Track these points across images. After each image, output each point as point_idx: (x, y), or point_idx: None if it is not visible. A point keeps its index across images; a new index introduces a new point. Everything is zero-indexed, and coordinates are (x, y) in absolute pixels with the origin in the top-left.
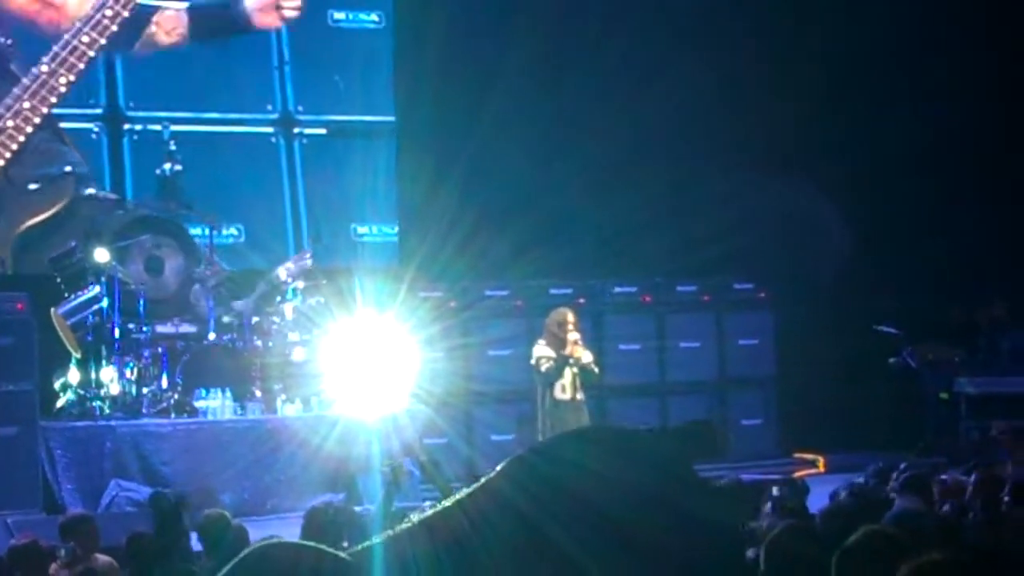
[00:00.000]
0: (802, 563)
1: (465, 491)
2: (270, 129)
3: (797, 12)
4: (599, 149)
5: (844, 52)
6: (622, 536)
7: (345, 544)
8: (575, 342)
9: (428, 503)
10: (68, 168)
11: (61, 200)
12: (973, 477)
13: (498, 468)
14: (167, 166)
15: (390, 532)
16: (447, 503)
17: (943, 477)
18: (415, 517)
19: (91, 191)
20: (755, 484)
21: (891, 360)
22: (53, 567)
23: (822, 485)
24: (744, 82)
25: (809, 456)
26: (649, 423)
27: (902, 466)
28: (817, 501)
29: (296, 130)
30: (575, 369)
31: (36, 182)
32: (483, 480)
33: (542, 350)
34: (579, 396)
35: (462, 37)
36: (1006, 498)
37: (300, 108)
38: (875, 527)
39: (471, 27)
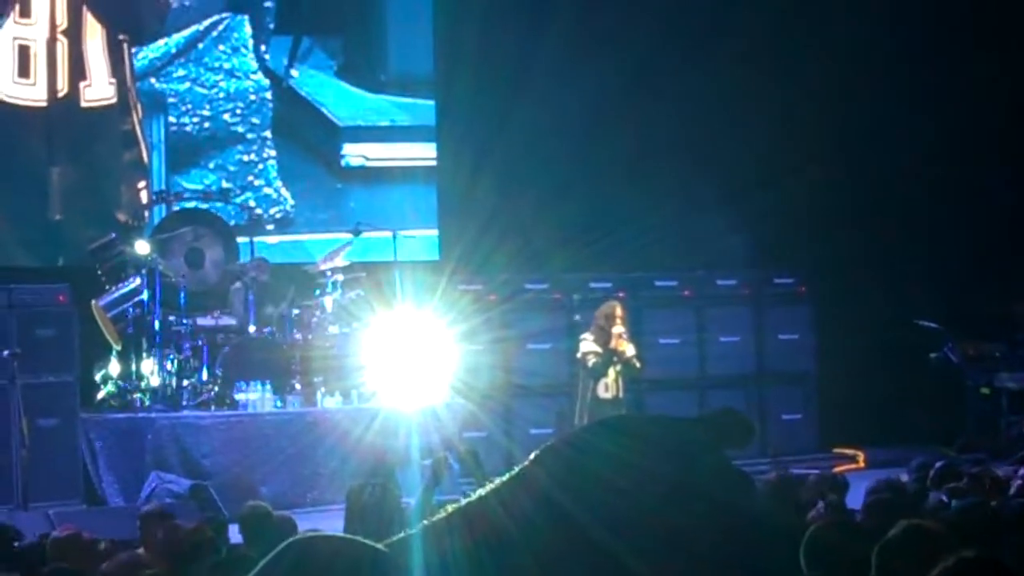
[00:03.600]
0: (844, 558)
1: (499, 481)
2: None
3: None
4: (639, 141)
5: (880, 36)
6: (656, 526)
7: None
8: (620, 335)
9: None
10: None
11: None
12: (1020, 472)
13: (531, 457)
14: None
15: (426, 523)
16: (481, 492)
17: (984, 471)
18: (451, 507)
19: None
20: (802, 479)
21: (932, 355)
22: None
23: (862, 480)
24: (786, 76)
25: (849, 451)
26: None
27: (941, 462)
28: (856, 497)
29: None
30: (619, 367)
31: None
32: (516, 470)
33: (589, 345)
34: (621, 395)
35: (499, 32)
36: None
37: None
38: (915, 521)
39: (508, 22)
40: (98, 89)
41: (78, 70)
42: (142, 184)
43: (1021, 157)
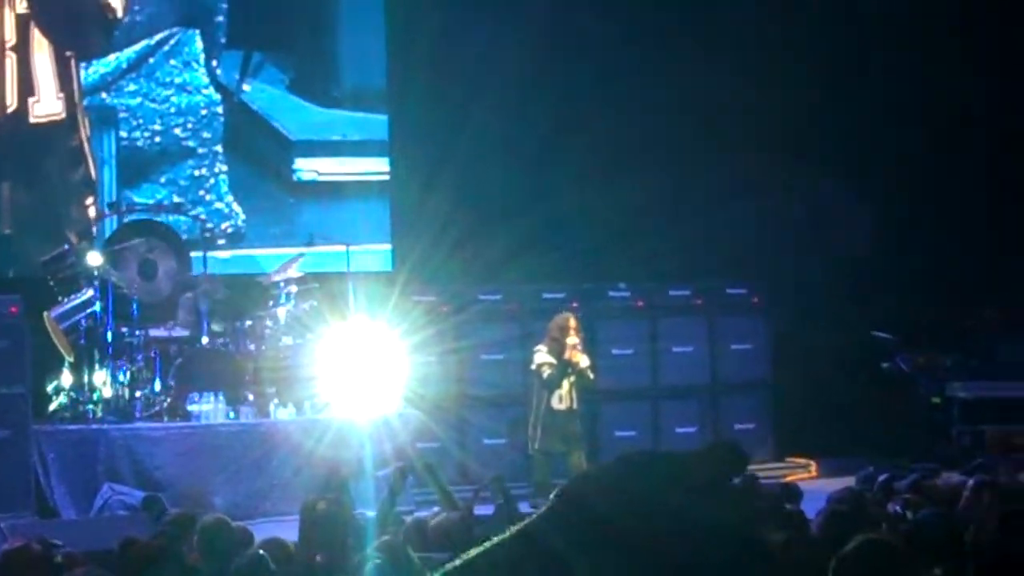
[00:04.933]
0: None
1: (505, 536)
2: None
3: (793, 16)
4: (592, 153)
5: (843, 55)
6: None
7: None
8: (574, 346)
9: (428, 509)
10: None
11: None
12: (971, 482)
13: (538, 513)
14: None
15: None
16: (488, 546)
17: (937, 482)
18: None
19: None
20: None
21: (884, 365)
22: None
23: (814, 490)
24: (740, 87)
25: (802, 460)
26: (639, 428)
27: (887, 472)
28: (809, 506)
29: None
30: (573, 378)
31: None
32: (522, 525)
33: (543, 356)
34: (575, 406)
35: (452, 47)
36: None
37: None
38: (873, 536)
39: (460, 36)
40: (46, 105)
41: (26, 86)
42: (90, 200)
43: (976, 166)
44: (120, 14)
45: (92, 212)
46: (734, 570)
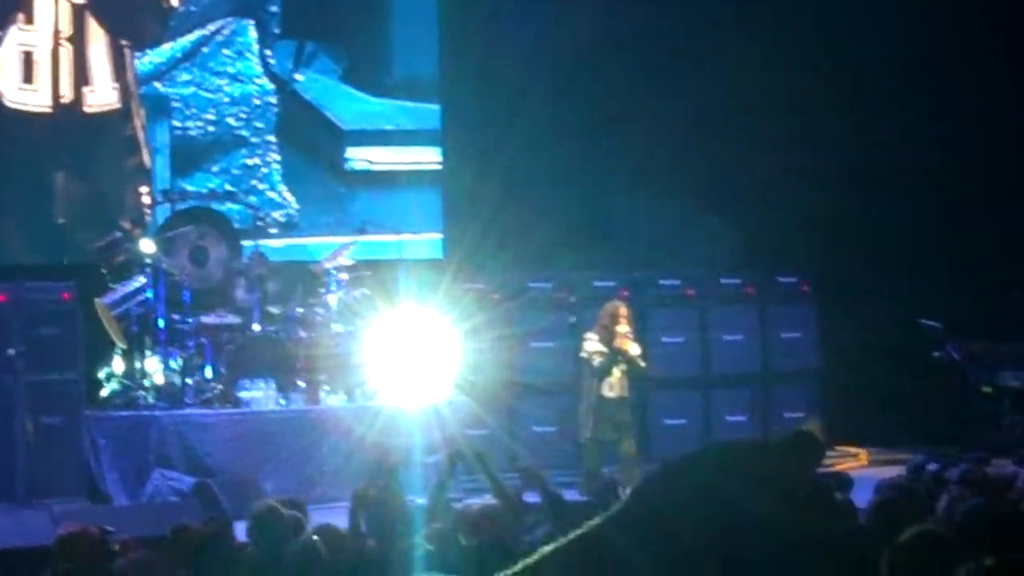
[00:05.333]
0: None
1: (596, 520)
2: None
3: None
4: (644, 141)
5: (888, 38)
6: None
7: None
8: (625, 334)
9: (478, 497)
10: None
11: None
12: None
13: (628, 495)
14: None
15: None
16: (547, 550)
17: (987, 471)
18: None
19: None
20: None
21: (935, 354)
22: None
23: (864, 478)
24: (793, 76)
25: (852, 449)
26: (689, 417)
27: (941, 463)
28: (859, 495)
29: None
30: (623, 366)
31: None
32: (591, 525)
33: (594, 344)
34: (626, 394)
35: (503, 36)
36: None
37: None
38: (926, 527)
39: (512, 26)
40: (101, 94)
41: (81, 76)
42: (144, 189)
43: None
44: (176, 3)
45: (146, 200)
46: (808, 567)
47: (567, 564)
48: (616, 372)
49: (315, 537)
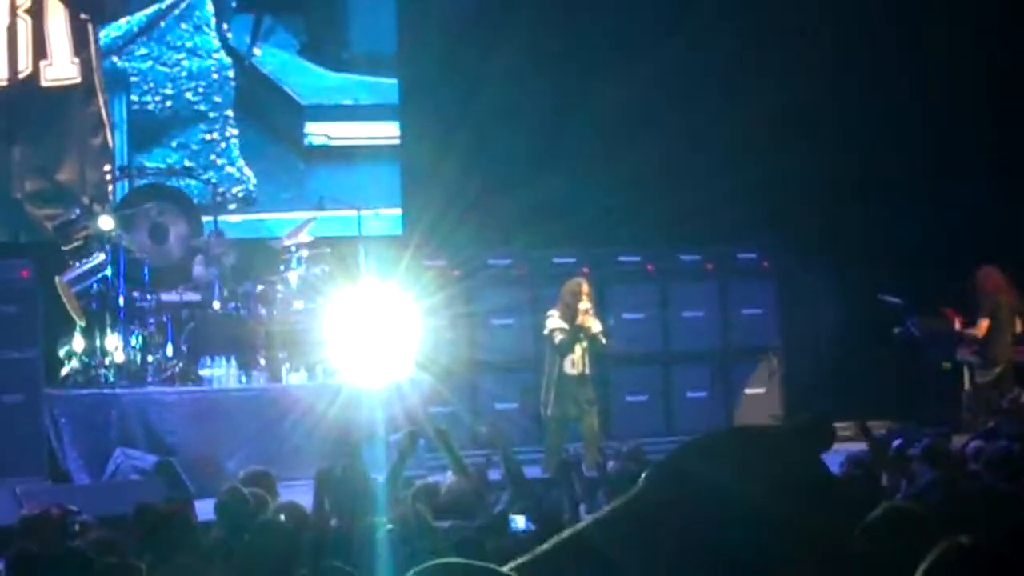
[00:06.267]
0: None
1: (605, 509)
2: None
3: None
4: (602, 117)
5: (851, 24)
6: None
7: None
8: (586, 311)
9: (441, 474)
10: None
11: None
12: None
13: (638, 485)
14: None
15: (539, 554)
16: (578, 528)
17: (944, 445)
18: (557, 539)
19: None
20: None
21: (895, 330)
22: None
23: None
24: (748, 50)
25: None
26: (650, 393)
27: (903, 437)
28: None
29: None
30: (585, 343)
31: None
32: (622, 499)
33: (555, 322)
34: (587, 371)
35: (462, 9)
36: None
37: None
38: (897, 503)
39: (471, 3)
40: (60, 68)
41: (39, 49)
42: (107, 168)
43: (989, 133)
44: None
45: (108, 178)
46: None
47: (577, 556)
48: (578, 349)
49: (280, 516)
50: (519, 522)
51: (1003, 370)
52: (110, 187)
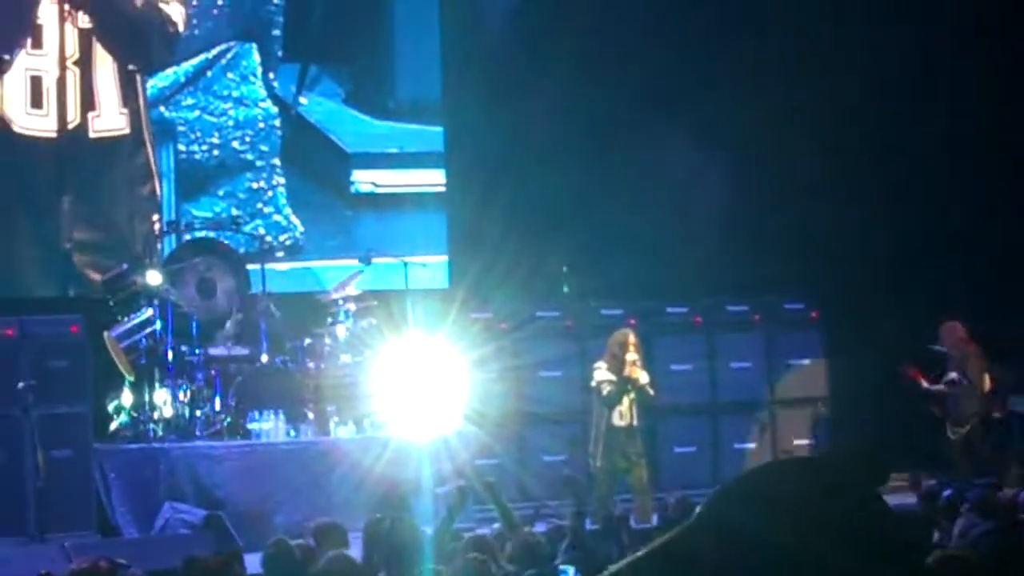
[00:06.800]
0: None
1: (641, 553)
2: None
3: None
4: (649, 167)
5: (875, 70)
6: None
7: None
8: (634, 363)
9: (488, 526)
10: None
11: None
12: None
13: (677, 529)
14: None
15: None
16: (612, 570)
17: (996, 496)
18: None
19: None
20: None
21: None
22: None
23: None
24: (792, 100)
25: None
26: (698, 445)
27: (954, 488)
28: None
29: None
30: (633, 395)
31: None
32: (661, 541)
33: (603, 374)
34: (636, 423)
35: (506, 58)
36: None
37: None
38: (950, 551)
39: (514, 48)
40: (108, 119)
41: (87, 100)
42: (155, 217)
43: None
44: (181, 27)
45: (156, 228)
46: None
47: None
48: (625, 401)
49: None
50: (569, 573)
51: (972, 427)
52: (159, 239)
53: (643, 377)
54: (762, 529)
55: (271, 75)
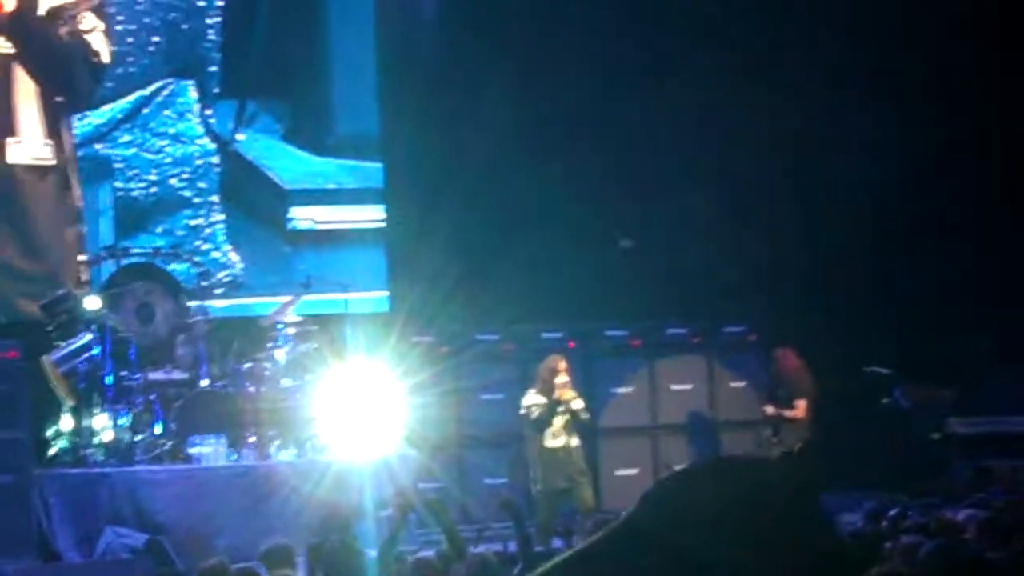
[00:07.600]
0: None
1: (598, 535)
2: None
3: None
4: (585, 193)
5: (837, 80)
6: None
7: None
8: (563, 384)
9: (432, 549)
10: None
11: None
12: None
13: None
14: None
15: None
16: (579, 548)
17: (936, 516)
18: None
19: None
20: None
21: (883, 401)
22: None
23: None
24: (734, 119)
25: None
26: (640, 466)
27: (895, 508)
28: None
29: None
30: (567, 416)
31: None
32: (614, 522)
33: (531, 398)
34: (573, 442)
35: (443, 93)
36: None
37: None
38: (888, 568)
39: (451, 83)
40: (29, 147)
41: (6, 126)
42: (81, 257)
43: (973, 199)
44: (106, 59)
45: (84, 265)
46: None
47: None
48: (558, 421)
49: None
50: None
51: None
52: (85, 274)
53: (576, 402)
54: (676, 537)
55: (208, 112)
